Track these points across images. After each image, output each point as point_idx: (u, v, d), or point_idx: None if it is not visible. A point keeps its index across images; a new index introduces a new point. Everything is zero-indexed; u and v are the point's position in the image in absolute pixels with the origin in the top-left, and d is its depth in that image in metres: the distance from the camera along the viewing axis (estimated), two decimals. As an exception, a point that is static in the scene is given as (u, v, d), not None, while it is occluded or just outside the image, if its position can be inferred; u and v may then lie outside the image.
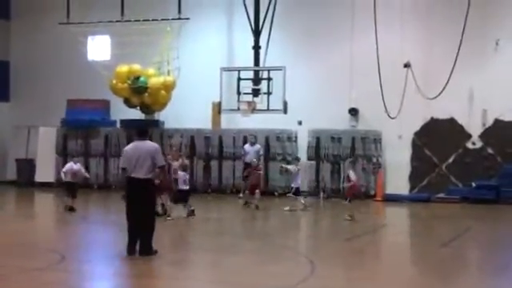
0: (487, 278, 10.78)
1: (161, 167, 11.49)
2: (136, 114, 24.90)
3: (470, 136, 22.87)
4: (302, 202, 18.91)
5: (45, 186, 24.91)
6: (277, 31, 23.36)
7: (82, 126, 25.36)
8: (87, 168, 22.76)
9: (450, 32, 21.66)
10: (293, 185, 19.23)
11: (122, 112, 25.22)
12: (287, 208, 18.69)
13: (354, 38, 23.64)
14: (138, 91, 24.05)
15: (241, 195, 22.10)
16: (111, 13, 24.38)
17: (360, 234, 15.24)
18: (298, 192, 19.07)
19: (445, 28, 22.44)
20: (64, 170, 18.19)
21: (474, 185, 22.11)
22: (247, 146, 22.14)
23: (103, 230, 15.38)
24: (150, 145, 11.53)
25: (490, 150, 22.62)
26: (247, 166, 22.05)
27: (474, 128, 22.81)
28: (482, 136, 22.76)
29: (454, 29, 20.85)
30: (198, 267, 11.46)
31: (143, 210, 11.43)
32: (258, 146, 22.12)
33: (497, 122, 22.62)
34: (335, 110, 23.55)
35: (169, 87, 24.23)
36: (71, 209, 17.59)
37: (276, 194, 22.71)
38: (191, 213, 16.36)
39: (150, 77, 24.15)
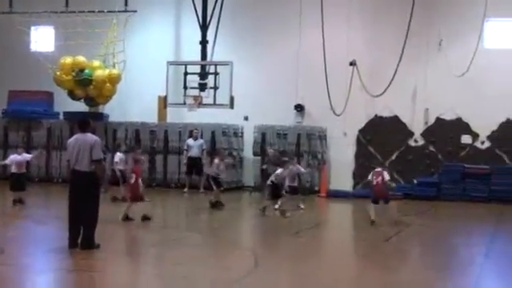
0: (427, 270, 11.02)
1: (96, 161, 11.30)
2: (80, 107, 24.54)
3: (412, 134, 23.32)
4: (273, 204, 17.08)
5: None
6: (224, 26, 23.32)
7: (24, 118, 24.87)
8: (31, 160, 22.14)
9: (395, 31, 21.96)
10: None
11: (65, 104, 24.84)
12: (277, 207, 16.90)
13: (301, 35, 23.81)
14: (82, 83, 23.68)
15: (185, 190, 22.04)
16: (56, 3, 23.85)
17: (304, 228, 15.35)
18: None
19: (390, 27, 22.77)
20: (7, 161, 17.73)
21: (415, 181, 22.55)
22: (190, 141, 22.11)
23: (45, 224, 15.05)
24: (89, 137, 11.37)
25: (431, 148, 23.12)
26: (191, 160, 22.04)
27: (417, 126, 23.28)
28: (424, 134, 23.24)
29: (399, 28, 21.14)
30: (142, 261, 11.35)
31: (85, 203, 11.26)
32: (201, 141, 22.14)
33: (438, 120, 23.12)
34: (281, 106, 23.70)
35: (114, 80, 23.93)
36: (20, 201, 17.08)
37: (222, 188, 22.63)
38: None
39: (95, 69, 23.80)
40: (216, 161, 18.23)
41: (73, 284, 9.50)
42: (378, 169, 15.82)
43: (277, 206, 16.75)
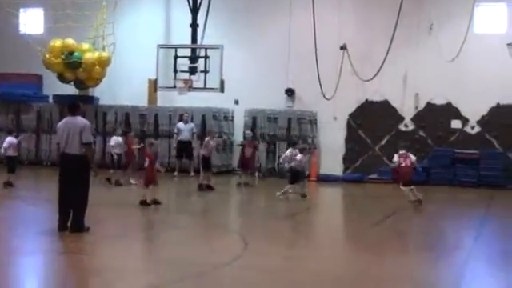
0: (417, 252, 11.11)
1: (85, 144, 11.26)
2: (70, 90, 24.41)
3: (402, 118, 23.35)
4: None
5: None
6: (215, 9, 23.18)
7: (13, 101, 24.75)
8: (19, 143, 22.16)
9: (386, 13, 21.83)
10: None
11: (55, 87, 24.70)
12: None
13: (291, 19, 23.70)
14: (71, 66, 23.53)
15: (175, 174, 22.01)
16: (45, -15, 23.71)
17: (294, 212, 15.38)
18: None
19: (381, 11, 22.70)
20: (5, 145, 17.77)
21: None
22: (181, 125, 22.07)
23: (35, 206, 15.02)
24: (79, 121, 11.33)
25: (421, 133, 23.16)
26: (181, 144, 22.00)
27: (407, 111, 23.30)
28: (414, 119, 23.27)
29: (391, 10, 21.05)
30: (131, 243, 11.32)
31: (75, 187, 11.22)
32: (191, 125, 22.11)
33: (428, 105, 23.14)
34: (272, 90, 23.65)
35: (104, 63, 23.79)
36: (9, 184, 17.21)
37: (210, 172, 22.60)
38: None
39: (85, 52, 23.65)
40: (207, 138, 18.40)
41: (62, 266, 9.47)
42: (403, 151, 16.36)
43: (291, 190, 17.16)
